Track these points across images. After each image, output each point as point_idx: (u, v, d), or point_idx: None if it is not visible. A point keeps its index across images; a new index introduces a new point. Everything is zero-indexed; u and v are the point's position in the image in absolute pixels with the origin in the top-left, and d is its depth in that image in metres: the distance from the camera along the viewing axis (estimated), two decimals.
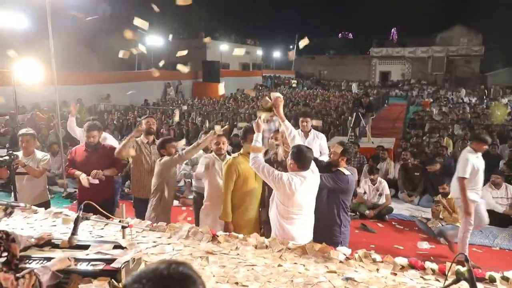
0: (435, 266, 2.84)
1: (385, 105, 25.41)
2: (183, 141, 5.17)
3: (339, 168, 4.00)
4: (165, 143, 4.50)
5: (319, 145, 5.52)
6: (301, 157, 3.47)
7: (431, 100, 26.82)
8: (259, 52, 45.37)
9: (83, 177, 4.61)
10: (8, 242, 2.36)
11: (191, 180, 5.94)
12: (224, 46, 34.73)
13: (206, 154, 4.92)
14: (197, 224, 4.36)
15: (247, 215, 4.10)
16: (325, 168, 4.07)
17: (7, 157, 4.05)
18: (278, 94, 3.98)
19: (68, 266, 2.32)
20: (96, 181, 4.65)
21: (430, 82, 42.68)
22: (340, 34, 65.80)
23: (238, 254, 3.07)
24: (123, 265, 2.43)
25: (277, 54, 49.78)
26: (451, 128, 12.97)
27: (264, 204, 4.25)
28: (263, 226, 4.34)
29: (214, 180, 4.38)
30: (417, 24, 49.64)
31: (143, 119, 5.28)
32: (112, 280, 2.35)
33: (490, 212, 6.60)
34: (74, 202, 6.78)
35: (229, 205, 4.00)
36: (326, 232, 3.90)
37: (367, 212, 6.89)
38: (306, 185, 3.48)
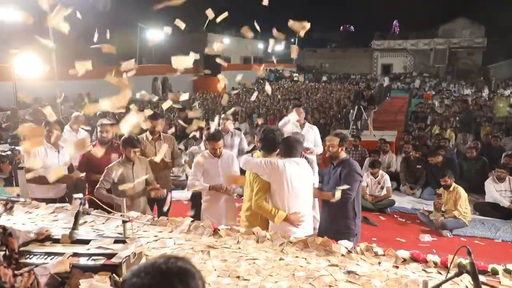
0: (437, 259, 2.83)
1: (387, 98, 25.32)
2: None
3: (345, 159, 4.01)
4: (125, 145, 4.24)
5: (313, 137, 5.56)
6: (288, 146, 3.63)
7: (433, 92, 26.73)
8: (260, 45, 45.19)
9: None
10: (5, 236, 2.35)
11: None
12: (225, 40, 34.59)
13: (197, 149, 4.91)
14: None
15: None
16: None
17: (9, 152, 4.05)
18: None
19: (67, 270, 2.31)
20: None
21: (432, 74, 42.51)
22: (341, 27, 65.51)
23: (239, 248, 3.06)
24: (124, 260, 2.43)
25: (278, 47, 49.56)
26: (453, 120, 12.92)
27: None
28: None
29: (210, 177, 4.37)
30: (419, 17, 49.39)
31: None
32: (113, 274, 2.35)
33: (495, 206, 6.63)
34: None
35: (272, 208, 3.65)
36: (342, 225, 3.91)
37: (366, 196, 6.93)
38: (296, 169, 3.55)
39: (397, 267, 2.80)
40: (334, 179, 3.98)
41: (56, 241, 2.69)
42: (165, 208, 4.80)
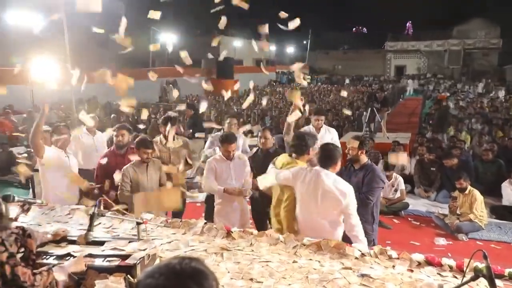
0: (452, 262, 2.80)
1: (400, 99, 25.12)
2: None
3: (367, 163, 3.99)
4: (138, 146, 4.32)
5: (331, 139, 5.52)
6: (325, 154, 3.50)
7: (448, 94, 26.42)
8: (272, 47, 45.25)
9: None
10: (24, 237, 2.39)
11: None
12: (237, 42, 34.70)
13: (211, 152, 4.92)
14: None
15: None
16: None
17: (25, 155, 4.12)
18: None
19: (83, 270, 2.34)
20: None
21: (447, 76, 42.01)
22: (354, 29, 65.24)
23: (252, 250, 3.07)
24: (138, 261, 2.45)
25: (290, 49, 49.57)
26: (468, 122, 12.76)
27: None
28: None
29: (222, 180, 4.38)
30: (432, 18, 48.93)
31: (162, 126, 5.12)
32: (128, 275, 2.37)
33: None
34: None
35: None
36: None
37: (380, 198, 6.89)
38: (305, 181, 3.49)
39: (412, 271, 2.77)
40: (355, 183, 3.93)
41: (72, 242, 2.72)
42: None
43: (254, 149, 5.16)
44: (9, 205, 2.68)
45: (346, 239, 3.32)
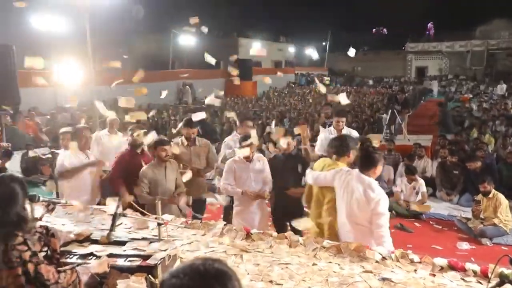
0: (476, 267, 2.74)
1: (422, 101, 24.74)
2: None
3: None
4: (156, 145, 4.40)
5: None
6: (365, 158, 3.45)
7: (470, 95, 25.90)
8: (292, 49, 45.14)
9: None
10: (48, 237, 2.44)
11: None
12: (256, 44, 34.76)
13: (231, 153, 4.93)
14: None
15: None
16: None
17: (49, 155, 4.20)
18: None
19: (105, 271, 2.37)
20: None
21: (469, 77, 41.19)
22: (374, 30, 64.58)
23: (272, 252, 3.06)
24: (159, 262, 2.47)
25: (309, 51, 49.40)
26: (492, 124, 12.48)
27: None
28: None
29: (242, 182, 4.39)
30: (454, 18, 48.06)
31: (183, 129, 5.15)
32: (149, 275, 2.40)
33: None
34: None
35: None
36: None
37: (401, 201, 6.84)
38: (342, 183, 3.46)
39: (434, 275, 2.73)
40: None
41: (95, 241, 2.77)
42: (200, 213, 4.84)
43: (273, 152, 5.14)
44: (34, 205, 2.74)
45: None
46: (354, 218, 3.33)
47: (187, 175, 4.47)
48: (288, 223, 4.49)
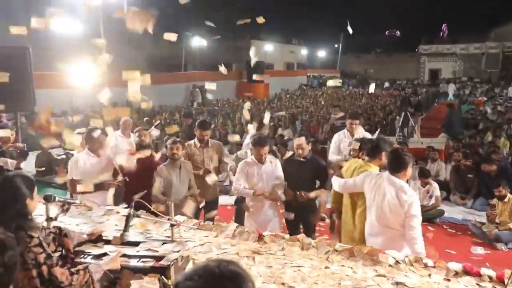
0: (492, 273, 2.70)
1: (435, 104, 24.51)
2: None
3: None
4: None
5: None
6: (395, 159, 3.45)
7: (485, 98, 25.58)
8: (304, 51, 45.06)
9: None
10: (61, 237, 2.47)
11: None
12: (268, 46, 34.76)
13: (243, 154, 4.95)
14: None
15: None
16: None
17: (64, 156, 4.24)
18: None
19: (118, 268, 2.39)
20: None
21: (484, 79, 40.64)
22: (387, 32, 64.16)
23: (284, 254, 3.05)
24: (172, 263, 2.48)
25: (321, 53, 49.27)
26: (507, 127, 12.31)
27: None
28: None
29: (253, 183, 4.39)
30: (469, 20, 47.53)
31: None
32: (162, 276, 2.41)
33: None
34: None
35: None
36: None
37: None
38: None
39: (449, 280, 2.69)
40: None
41: (108, 242, 2.79)
42: (212, 215, 4.84)
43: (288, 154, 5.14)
44: (49, 205, 2.78)
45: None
46: (386, 221, 3.32)
47: (211, 177, 4.48)
48: (301, 226, 4.49)
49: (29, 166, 7.83)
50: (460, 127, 12.66)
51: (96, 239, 2.82)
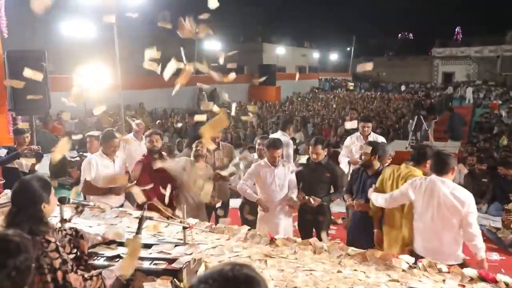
0: (508, 279, 2.65)
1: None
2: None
3: (380, 169, 3.93)
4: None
5: None
6: (439, 161, 3.43)
7: (500, 102, 25.25)
8: (316, 54, 45.02)
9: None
10: (77, 239, 2.49)
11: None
12: (280, 50, 34.80)
13: (252, 157, 4.94)
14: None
15: None
16: None
17: (77, 158, 4.28)
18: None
19: (131, 273, 2.39)
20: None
21: (499, 83, 40.14)
22: (399, 35, 63.81)
23: (296, 258, 3.04)
24: (185, 265, 2.49)
25: (333, 56, 49.16)
26: None
27: None
28: None
29: (266, 186, 4.39)
30: (483, 23, 47.06)
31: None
32: (174, 279, 2.41)
33: None
34: None
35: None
36: (372, 235, 3.89)
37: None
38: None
39: (464, 286, 2.65)
40: (367, 190, 3.97)
41: (122, 244, 2.80)
42: (221, 213, 4.79)
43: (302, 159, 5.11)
44: (64, 207, 2.81)
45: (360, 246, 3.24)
46: (445, 224, 3.32)
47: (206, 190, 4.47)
48: (314, 231, 4.45)
49: (43, 168, 7.93)
50: (461, 130, 12.59)
51: (110, 241, 2.84)
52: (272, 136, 5.58)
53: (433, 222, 3.34)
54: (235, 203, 5.69)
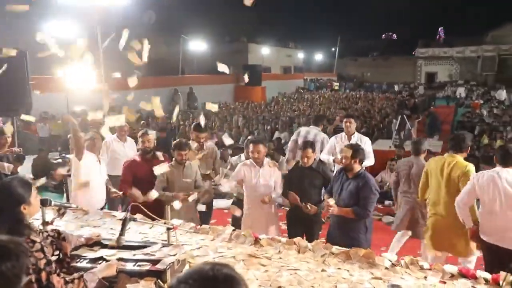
0: (488, 275, 2.71)
1: (431, 107, 24.59)
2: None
3: (360, 172, 3.92)
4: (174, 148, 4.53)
5: None
6: (505, 154, 3.57)
7: (481, 101, 25.67)
8: (301, 55, 45.19)
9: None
10: (59, 240, 2.46)
11: None
12: (265, 50, 34.85)
13: (236, 160, 4.95)
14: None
15: None
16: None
17: (60, 160, 4.24)
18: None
19: (114, 274, 2.37)
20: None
21: (480, 82, 40.82)
22: (383, 35, 64.46)
23: (280, 258, 3.06)
24: (168, 266, 2.48)
25: (318, 56, 49.41)
26: (503, 130, 12.36)
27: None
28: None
29: (252, 185, 4.39)
30: (465, 23, 47.86)
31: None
32: (158, 280, 2.41)
33: None
34: None
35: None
36: (352, 238, 3.79)
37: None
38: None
39: (445, 283, 2.70)
40: (348, 192, 3.88)
41: (105, 246, 2.78)
42: (202, 208, 4.73)
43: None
44: (46, 209, 2.78)
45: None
46: (509, 214, 3.44)
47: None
48: (303, 234, 4.39)
49: (25, 170, 7.81)
50: (439, 129, 12.86)
51: (93, 243, 2.82)
52: (303, 129, 6.04)
53: (499, 213, 3.46)
54: (220, 204, 5.71)
